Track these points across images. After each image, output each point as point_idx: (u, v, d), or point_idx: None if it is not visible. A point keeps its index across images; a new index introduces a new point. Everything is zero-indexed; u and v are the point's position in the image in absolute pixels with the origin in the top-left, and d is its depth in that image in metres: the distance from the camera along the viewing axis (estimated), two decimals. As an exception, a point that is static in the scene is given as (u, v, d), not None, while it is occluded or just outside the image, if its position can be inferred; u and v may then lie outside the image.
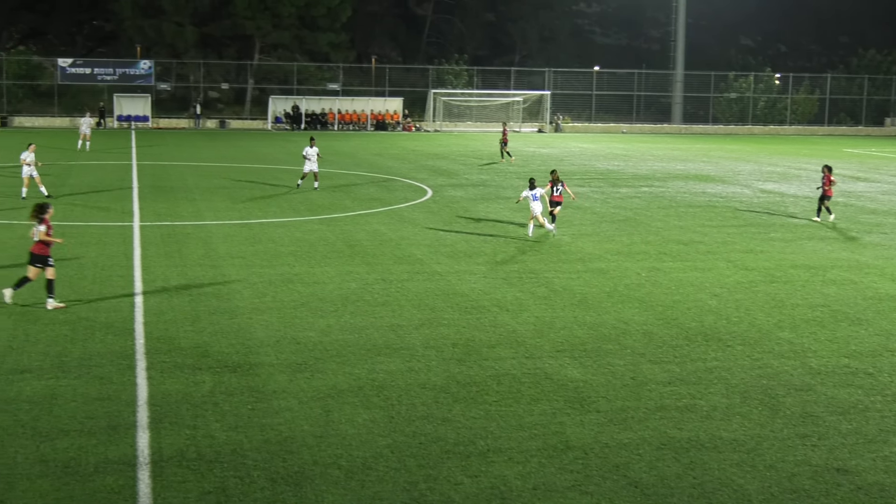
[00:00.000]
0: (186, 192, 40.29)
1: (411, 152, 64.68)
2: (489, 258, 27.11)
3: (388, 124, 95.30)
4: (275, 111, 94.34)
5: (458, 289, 23.11)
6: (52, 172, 46.86)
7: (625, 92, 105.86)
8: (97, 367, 16.43)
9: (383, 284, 23.41)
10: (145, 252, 26.88)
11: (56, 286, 21.31)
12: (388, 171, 51.20)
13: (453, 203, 38.71)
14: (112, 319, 19.53)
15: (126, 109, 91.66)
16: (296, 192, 41.14)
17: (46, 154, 57.38)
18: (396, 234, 30.70)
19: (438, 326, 19.57)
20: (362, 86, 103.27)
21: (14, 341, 17.86)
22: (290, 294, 22.18)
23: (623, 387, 16.05)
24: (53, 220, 23.55)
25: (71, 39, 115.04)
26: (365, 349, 17.85)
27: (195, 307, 20.71)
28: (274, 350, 17.67)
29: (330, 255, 27.11)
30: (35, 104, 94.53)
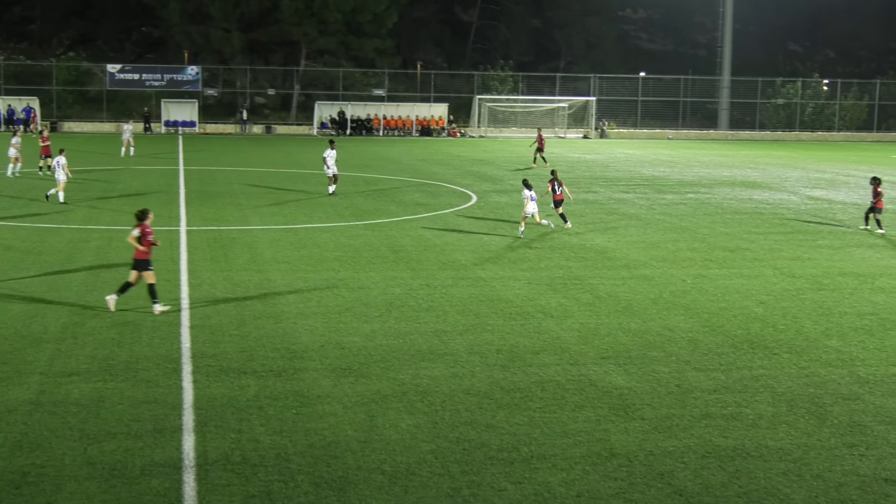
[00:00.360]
0: (232, 197, 40.53)
1: (456, 158, 64.72)
2: (534, 264, 27.05)
3: (433, 130, 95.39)
4: (320, 117, 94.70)
5: (502, 295, 23.08)
6: (101, 178, 47.32)
7: (671, 98, 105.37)
8: (144, 371, 16.56)
9: (428, 290, 23.43)
10: (192, 257, 27.06)
11: (104, 289, 21.50)
12: (433, 176, 51.24)
13: (498, 209, 38.68)
14: (159, 323, 19.68)
15: (173, 115, 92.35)
16: (341, 197, 41.26)
17: (95, 159, 57.93)
18: (441, 240, 30.71)
19: (483, 332, 19.55)
20: (407, 91, 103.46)
21: (62, 344, 18.04)
22: (335, 299, 22.25)
23: (668, 394, 15.96)
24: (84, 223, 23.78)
25: (120, 45, 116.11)
26: (409, 354, 17.87)
27: (240, 312, 20.82)
28: (318, 355, 17.73)
29: (374, 260, 27.17)
30: (84, 109, 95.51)
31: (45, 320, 19.76)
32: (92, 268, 25.33)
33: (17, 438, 13.54)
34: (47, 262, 25.89)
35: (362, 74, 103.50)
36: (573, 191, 45.31)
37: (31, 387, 15.67)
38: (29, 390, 15.51)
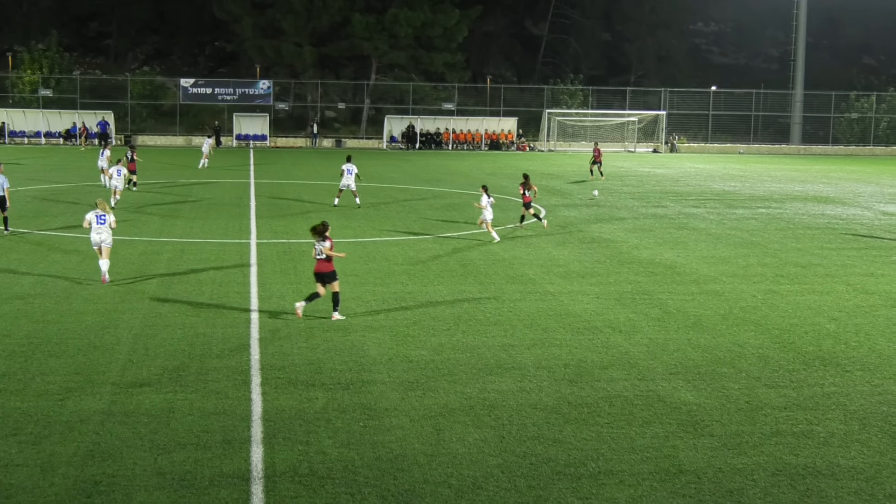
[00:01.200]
0: (302, 210, 40.83)
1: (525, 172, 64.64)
2: (602, 279, 26.93)
3: (503, 144, 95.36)
4: (390, 130, 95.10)
5: (570, 309, 23.01)
6: (173, 190, 47.92)
7: (742, 112, 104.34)
8: (213, 382, 16.72)
9: (496, 304, 23.41)
10: (261, 269, 27.30)
11: (175, 301, 21.80)
12: (502, 190, 51.22)
13: (567, 223, 38.57)
14: (228, 335, 19.87)
15: (245, 128, 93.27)
16: (410, 211, 41.38)
17: (168, 172, 58.68)
18: (509, 254, 30.69)
19: (550, 347, 19.50)
20: (477, 105, 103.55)
21: (134, 355, 18.28)
22: (403, 312, 22.31)
23: (738, 411, 15.80)
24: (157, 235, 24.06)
25: (193, 60, 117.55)
26: (476, 368, 17.87)
27: (309, 324, 20.95)
28: (386, 368, 17.79)
29: (443, 273, 27.22)
30: (157, 123, 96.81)
31: (117, 331, 20.04)
32: (164, 278, 25.64)
33: (89, 448, 13.73)
34: (120, 273, 26.24)
35: (432, 88, 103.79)
36: (643, 205, 45.06)
37: (103, 397, 15.90)
38: (101, 400, 15.73)
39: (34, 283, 24.89)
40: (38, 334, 19.70)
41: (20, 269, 26.58)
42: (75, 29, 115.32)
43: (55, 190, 47.33)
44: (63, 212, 38.70)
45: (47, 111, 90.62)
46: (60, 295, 23.45)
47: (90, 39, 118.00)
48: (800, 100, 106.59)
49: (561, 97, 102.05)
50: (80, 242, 31.17)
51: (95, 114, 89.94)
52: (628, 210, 43.24)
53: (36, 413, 15.10)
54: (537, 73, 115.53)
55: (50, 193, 45.39)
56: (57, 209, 39.55)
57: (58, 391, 16.15)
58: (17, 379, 16.75)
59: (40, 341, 19.16)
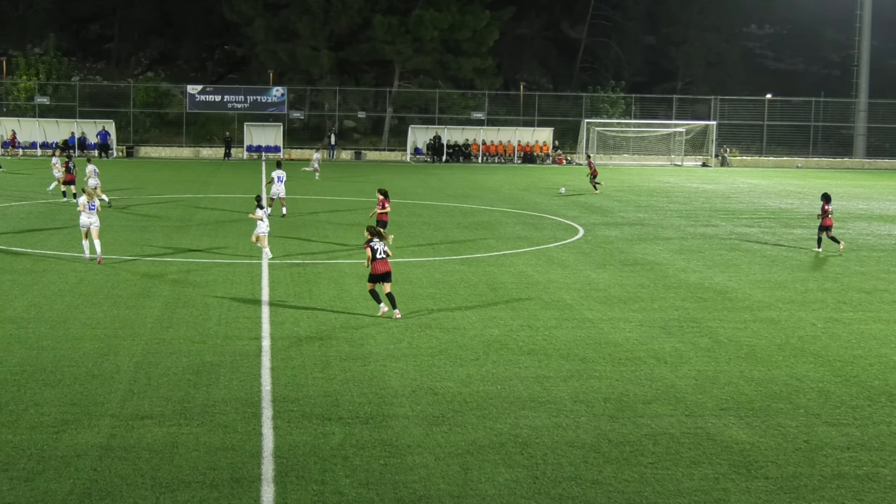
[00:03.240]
0: (318, 228, 40.94)
1: (562, 187, 64.60)
2: (646, 304, 26.86)
3: (537, 156, 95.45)
4: (414, 142, 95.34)
5: (611, 338, 22.95)
6: (179, 206, 48.12)
7: (800, 122, 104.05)
8: (221, 415, 16.75)
9: (529, 331, 23.38)
10: (273, 292, 27.36)
11: (180, 326, 21.93)
12: (536, 207, 51.21)
13: (607, 243, 38.52)
14: (237, 364, 19.91)
15: (256, 139, 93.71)
16: (436, 230, 41.44)
17: (175, 186, 58.96)
18: (544, 277, 30.66)
19: (589, 379, 19.45)
20: (509, 115, 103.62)
21: (135, 385, 18.34)
22: (428, 340, 22.31)
23: (795, 451, 15.70)
24: (160, 255, 24.13)
25: (201, 65, 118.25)
26: (508, 402, 17.84)
27: (325, 353, 20.98)
28: (409, 401, 17.78)
29: (471, 298, 27.20)
30: (162, 133, 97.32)
31: (117, 359, 20.12)
32: (168, 301, 25.75)
33: (86, 485, 13.77)
34: (121, 296, 26.37)
35: (460, 96, 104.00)
36: (691, 224, 44.94)
37: (101, 430, 15.95)
38: (99, 434, 15.78)
39: (28, 305, 25.03)
40: (32, 361, 19.80)
41: (13, 291, 26.74)
42: (74, 32, 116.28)
43: (52, 206, 47.63)
44: (60, 229, 38.94)
45: (44, 120, 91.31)
46: (56, 319, 23.58)
47: (90, 43, 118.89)
48: (864, 109, 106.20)
49: (601, 106, 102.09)
50: (79, 263, 31.34)
51: (95, 123, 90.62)
52: (675, 229, 43.15)
53: (29, 447, 15.16)
54: (575, 79, 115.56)
55: (46, 209, 45.69)
56: (54, 226, 39.81)
57: (53, 423, 16.22)
58: (9, 410, 16.83)
59: (34, 369, 19.25)
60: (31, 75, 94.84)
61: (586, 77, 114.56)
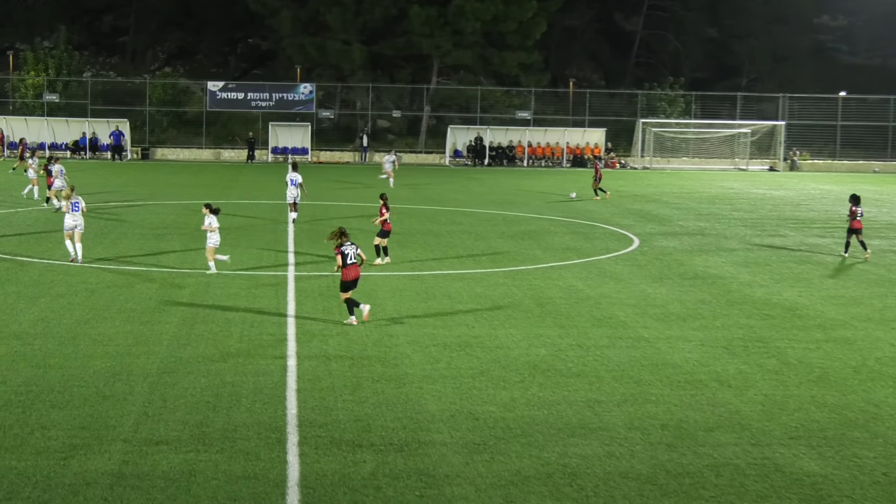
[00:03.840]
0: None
1: (615, 193, 64.48)
2: (707, 322, 26.73)
3: (588, 160, 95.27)
4: (454, 143, 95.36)
5: (668, 358, 22.86)
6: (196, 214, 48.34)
7: (877, 122, 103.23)
8: (242, 441, 16.77)
9: (579, 351, 23.32)
10: (300, 306, 27.41)
11: (199, 343, 22.03)
12: (587, 215, 51.13)
13: (665, 255, 38.39)
14: (261, 385, 19.94)
15: (282, 140, 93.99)
16: (477, 239, 41.43)
17: (194, 191, 59.23)
18: (595, 292, 30.58)
19: (644, 403, 19.37)
20: (557, 114, 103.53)
21: (150, 407, 18.39)
22: (468, 360, 22.27)
23: (873, 484, 15.57)
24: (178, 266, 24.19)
25: (223, 60, 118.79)
26: (555, 428, 17.77)
27: (356, 373, 20.98)
28: (447, 426, 17.74)
29: (516, 314, 27.16)
30: (180, 134, 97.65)
31: (130, 379, 20.19)
32: (185, 316, 25.83)
33: (96, 517, 13.81)
34: (135, 310, 26.49)
35: (504, 94, 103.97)
36: (757, 234, 44.71)
37: (112, 456, 16.00)
38: (110, 460, 15.83)
39: (35, 320, 25.19)
40: (39, 381, 19.91)
41: (19, 305, 26.92)
42: (86, 24, 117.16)
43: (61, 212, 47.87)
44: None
45: (53, 119, 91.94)
46: (65, 335, 23.71)
47: (103, 36, 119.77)
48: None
49: (658, 104, 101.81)
50: (89, 274, 31.52)
51: (108, 122, 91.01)
52: (739, 240, 42.94)
53: (35, 474, 15.22)
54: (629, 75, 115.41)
55: (54, 215, 45.98)
56: (61, 236, 39.96)
57: (60, 448, 16.28)
58: (14, 433, 16.91)
59: (41, 389, 19.35)
60: (40, 71, 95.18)
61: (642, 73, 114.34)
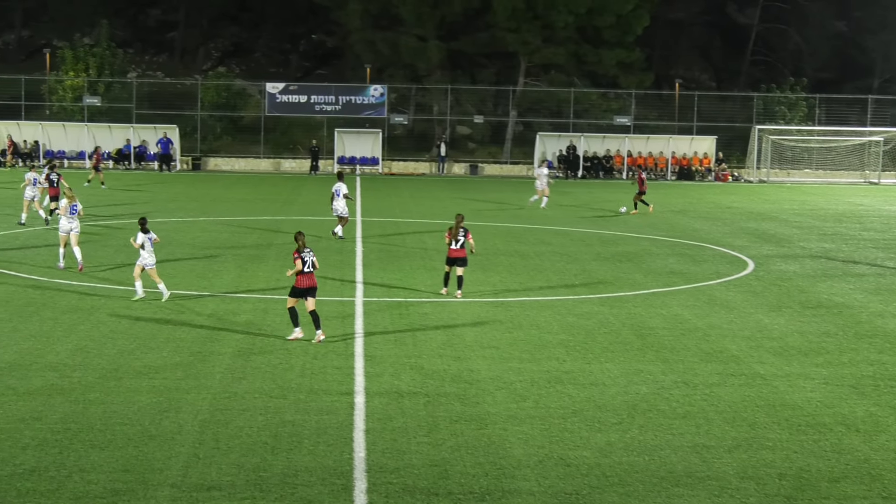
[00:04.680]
0: (425, 259, 41.10)
1: (727, 210, 64.16)
2: (832, 357, 26.54)
3: (696, 171, 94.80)
4: (543, 153, 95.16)
5: (787, 399, 22.72)
6: (254, 231, 48.65)
7: None
8: (304, 487, 16.88)
9: (685, 389, 23.25)
10: (370, 337, 27.53)
11: (255, 377, 22.23)
12: (694, 235, 50.90)
13: (784, 280, 38.16)
14: (325, 424, 20.06)
15: (350, 149, 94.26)
16: (569, 262, 41.37)
17: (250, 206, 59.69)
18: (704, 322, 30.46)
19: (760, 449, 19.27)
20: (661, 119, 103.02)
21: (201, 449, 18.57)
22: (559, 399, 22.28)
23: None
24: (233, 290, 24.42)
25: (283, 59, 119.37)
26: (658, 477, 17.74)
27: (432, 412, 21.05)
28: (535, 473, 17.76)
29: (613, 346, 27.12)
30: (235, 142, 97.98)
31: (179, 416, 20.40)
32: (241, 346, 26.05)
33: (141, 570, 13.97)
34: (184, 339, 26.75)
35: (600, 97, 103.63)
36: (891, 257, 44.26)
37: (159, 503, 16.16)
38: (157, 507, 16.02)
39: (73, 350, 25.52)
40: (78, 418, 20.18)
41: (55, 333, 27.28)
42: (131, 18, 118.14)
43: (103, 229, 48.43)
44: (112, 257, 39.61)
45: (94, 125, 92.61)
46: (107, 367, 24.00)
47: (150, 31, 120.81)
48: None
49: (776, 109, 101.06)
50: (132, 296, 31.81)
51: (155, 129, 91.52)
52: (869, 264, 42.58)
53: (72, 522, 15.42)
54: (744, 76, 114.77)
55: (94, 233, 46.49)
56: (104, 253, 40.53)
57: (101, 493, 16.49)
58: (50, 476, 17.15)
59: (80, 427, 19.61)
60: (80, 71, 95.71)
61: (758, 73, 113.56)
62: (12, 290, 32.53)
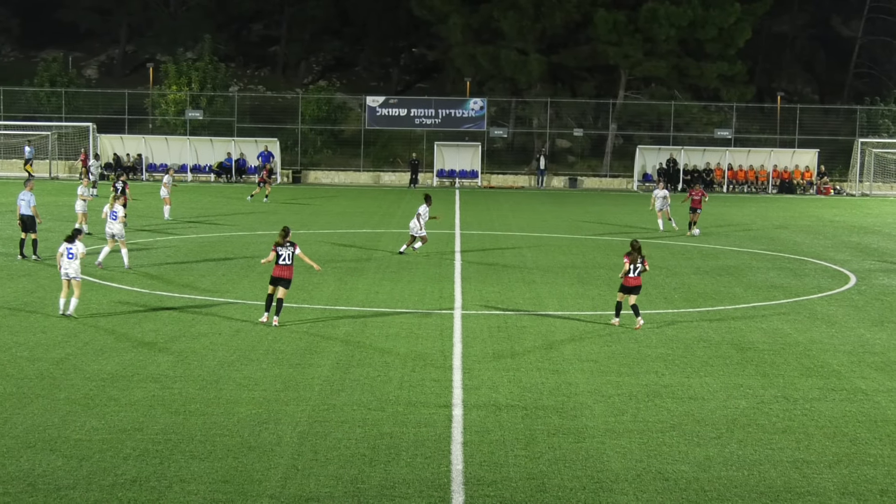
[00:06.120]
0: (524, 273, 41.07)
1: (829, 224, 63.57)
2: (936, 373, 26.24)
3: (798, 185, 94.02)
4: (643, 166, 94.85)
5: (889, 414, 22.48)
6: (354, 244, 48.89)
7: None
8: (402, 499, 16.93)
9: (785, 404, 23.07)
10: (468, 350, 27.55)
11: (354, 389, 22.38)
12: (796, 248, 50.46)
13: (886, 294, 37.72)
14: (423, 437, 20.11)
15: (449, 162, 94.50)
16: (668, 275, 41.14)
17: (350, 219, 59.98)
18: (805, 336, 30.19)
19: (861, 465, 19.08)
20: (762, 133, 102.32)
21: (299, 460, 18.68)
22: (657, 413, 22.19)
23: None
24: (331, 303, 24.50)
25: (384, 73, 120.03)
26: (757, 492, 17.62)
27: (530, 425, 21.03)
28: (633, 487, 17.70)
29: (712, 360, 26.96)
30: (336, 155, 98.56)
31: (278, 428, 20.54)
32: (339, 359, 26.18)
33: (240, 580, 14.07)
34: (283, 351, 26.93)
35: (701, 109, 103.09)
36: None
37: (258, 513, 16.30)
38: (256, 518, 16.13)
39: (174, 361, 25.78)
40: (178, 429, 20.38)
41: (158, 343, 27.58)
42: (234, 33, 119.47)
43: (207, 241, 48.88)
44: (213, 270, 39.96)
45: (195, 139, 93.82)
46: (207, 378, 24.22)
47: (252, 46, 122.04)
48: None
49: (880, 122, 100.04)
50: (233, 310, 32.14)
51: (256, 142, 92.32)
52: (975, 278, 42.04)
53: (173, 531, 15.57)
54: (848, 88, 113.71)
55: (198, 245, 46.94)
56: (207, 266, 40.88)
57: (202, 503, 16.64)
58: (151, 486, 17.33)
59: (180, 438, 19.81)
60: (182, 85, 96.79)
61: (862, 85, 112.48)
62: (114, 303, 32.88)
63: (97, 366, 25.09)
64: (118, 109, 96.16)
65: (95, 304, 32.30)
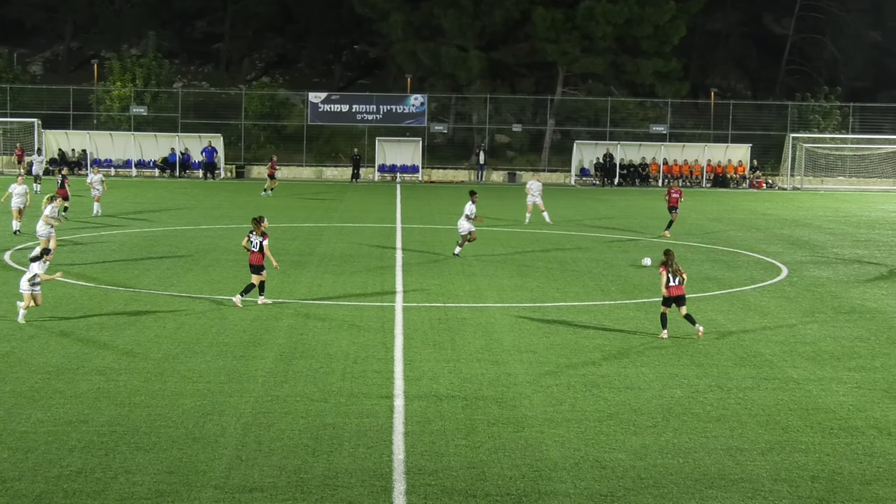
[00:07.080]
0: (464, 266, 41.11)
1: (761, 217, 63.96)
2: (865, 362, 26.42)
3: (731, 179, 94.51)
4: (581, 161, 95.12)
5: (820, 402, 22.64)
6: (296, 238, 48.79)
7: None
8: (344, 489, 16.92)
9: (719, 393, 23.19)
10: (409, 342, 27.55)
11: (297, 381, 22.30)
12: (729, 241, 50.73)
13: (817, 286, 37.99)
14: (365, 427, 20.10)
15: (390, 157, 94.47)
16: (606, 267, 41.31)
17: (292, 213, 59.76)
18: (738, 327, 30.37)
19: (793, 452, 19.21)
20: (697, 128, 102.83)
21: (243, 451, 18.63)
22: (595, 402, 22.25)
23: None
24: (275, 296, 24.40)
25: (326, 69, 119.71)
26: (692, 479, 17.71)
27: (470, 415, 21.06)
28: (571, 475, 17.74)
29: (648, 351, 27.07)
30: (279, 150, 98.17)
31: (222, 419, 20.48)
32: (282, 351, 26.12)
33: (184, 569, 14.02)
34: (227, 343, 26.84)
35: (637, 105, 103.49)
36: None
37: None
38: (200, 508, 16.08)
39: (119, 354, 25.64)
40: (123, 420, 20.28)
41: (102, 337, 27.41)
42: (178, 29, 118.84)
43: (151, 235, 48.70)
44: (158, 264, 39.77)
45: (140, 134, 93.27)
46: (152, 371, 24.10)
47: (196, 43, 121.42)
48: None
49: (811, 118, 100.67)
50: (178, 303, 32.01)
51: (200, 137, 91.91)
52: (902, 270, 42.40)
53: (118, 522, 15.49)
54: (779, 84, 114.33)
55: (142, 240, 46.74)
56: (152, 261, 40.69)
57: (146, 495, 16.56)
58: (96, 478, 17.23)
59: (125, 430, 19.71)
60: (127, 81, 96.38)
61: (793, 82, 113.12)
62: (59, 298, 32.65)
63: (42, 359, 24.92)
64: (63, 105, 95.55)
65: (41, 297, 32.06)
